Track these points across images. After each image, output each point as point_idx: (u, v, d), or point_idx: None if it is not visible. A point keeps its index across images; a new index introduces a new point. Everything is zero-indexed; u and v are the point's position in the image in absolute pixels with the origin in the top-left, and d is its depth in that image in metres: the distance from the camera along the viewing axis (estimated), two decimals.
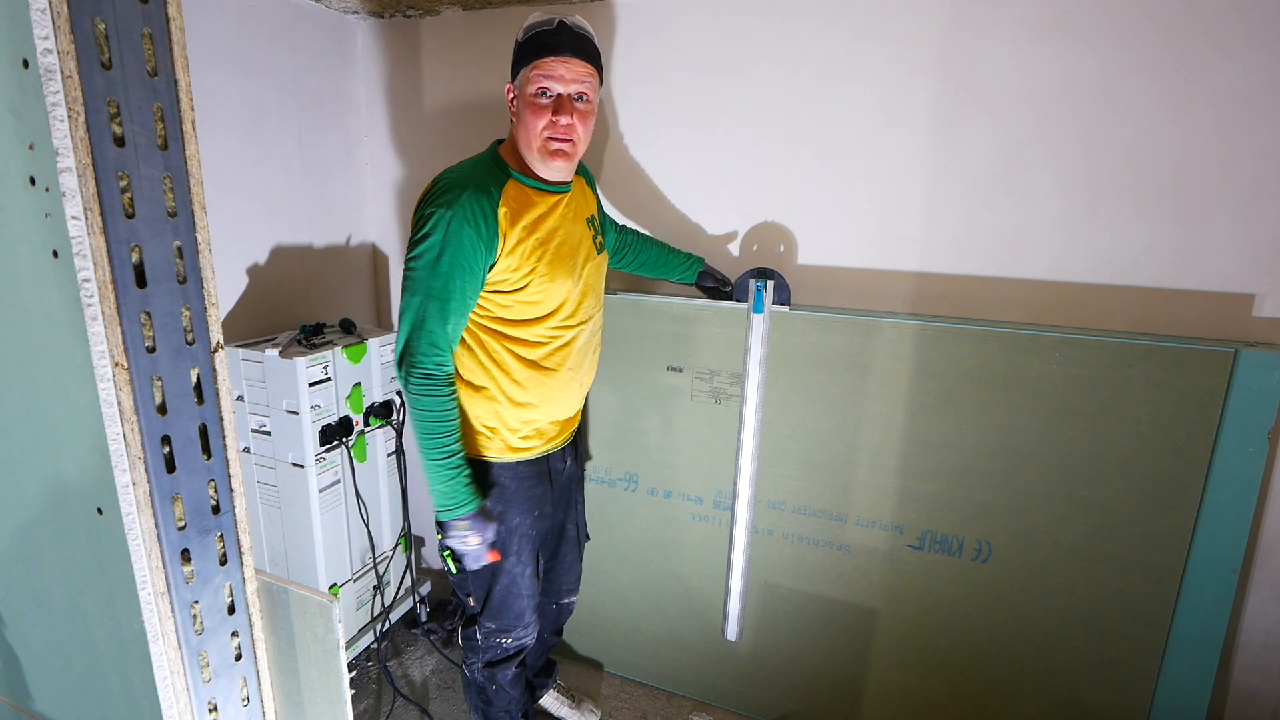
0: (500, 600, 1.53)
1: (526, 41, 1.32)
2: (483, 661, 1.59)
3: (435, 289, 1.26)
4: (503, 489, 1.48)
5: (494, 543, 1.41)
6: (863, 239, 1.80)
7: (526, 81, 1.32)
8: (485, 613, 1.54)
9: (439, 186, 1.30)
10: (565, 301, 1.42)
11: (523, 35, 1.34)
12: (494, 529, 1.40)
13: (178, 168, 0.57)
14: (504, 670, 1.60)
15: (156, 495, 0.59)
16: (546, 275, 1.36)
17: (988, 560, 1.69)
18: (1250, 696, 1.69)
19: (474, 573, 1.50)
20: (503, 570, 1.51)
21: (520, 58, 1.34)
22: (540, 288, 1.36)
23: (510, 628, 1.56)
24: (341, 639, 0.73)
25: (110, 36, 0.51)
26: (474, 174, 1.32)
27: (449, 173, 1.34)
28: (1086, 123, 1.56)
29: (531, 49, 1.31)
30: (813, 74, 1.75)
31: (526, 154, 1.36)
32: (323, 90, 2.12)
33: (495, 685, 1.62)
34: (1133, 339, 1.52)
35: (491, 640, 1.57)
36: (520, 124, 1.35)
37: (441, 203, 1.26)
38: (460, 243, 1.25)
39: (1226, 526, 1.51)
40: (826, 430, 1.78)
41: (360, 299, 2.39)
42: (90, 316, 0.54)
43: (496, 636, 1.56)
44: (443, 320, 1.28)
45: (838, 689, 1.89)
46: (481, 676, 1.61)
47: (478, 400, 1.43)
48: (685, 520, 1.97)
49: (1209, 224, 1.53)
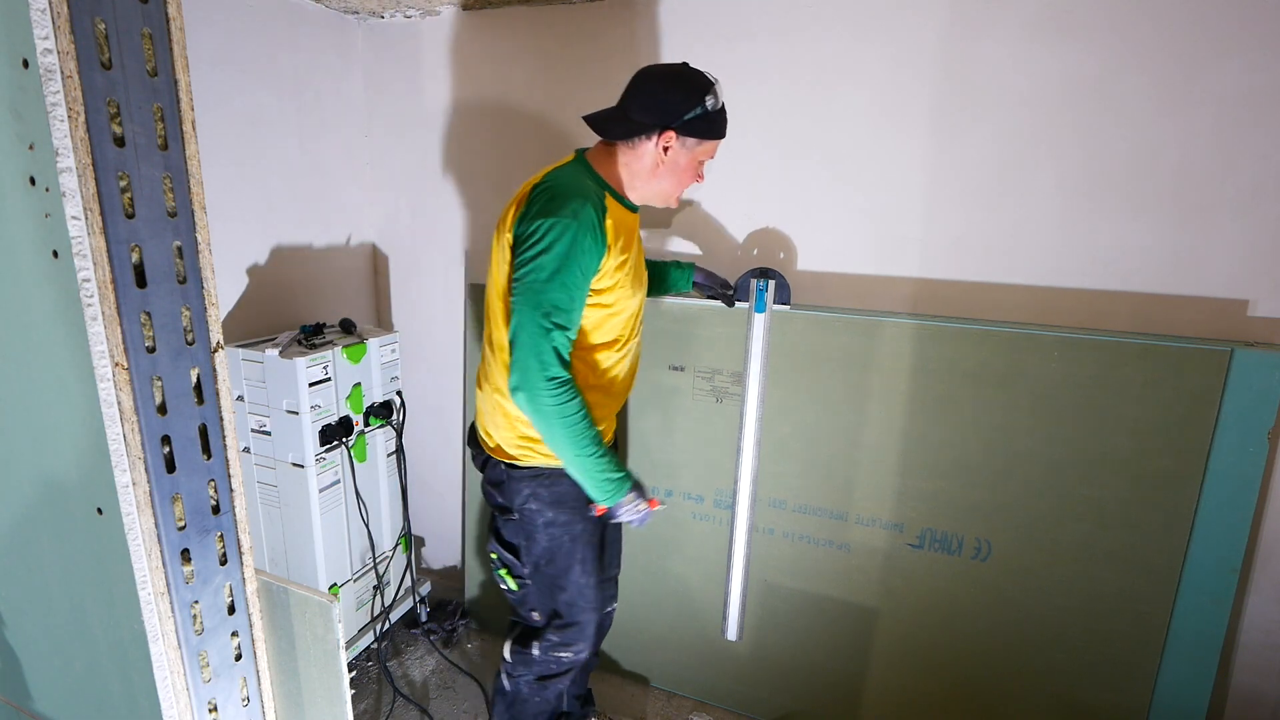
0: (566, 613, 1.51)
1: (716, 116, 1.36)
2: (535, 675, 1.57)
3: (561, 300, 1.26)
4: (575, 498, 1.46)
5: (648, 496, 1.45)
6: (862, 243, 1.80)
7: (699, 150, 1.38)
8: (550, 626, 1.53)
9: (557, 195, 1.28)
10: (633, 315, 1.45)
11: (713, 106, 1.34)
12: (644, 487, 1.44)
13: (178, 168, 0.57)
14: (555, 684, 1.58)
15: (156, 495, 0.59)
16: (628, 289, 1.40)
17: (987, 559, 1.69)
18: (1250, 696, 1.69)
19: (538, 586, 1.49)
20: (569, 582, 1.49)
21: (705, 127, 1.35)
22: (621, 301, 1.39)
23: (573, 641, 1.53)
24: (341, 639, 0.73)
25: (110, 36, 0.51)
26: (583, 185, 1.33)
27: (559, 182, 1.32)
28: (1085, 125, 1.56)
29: (717, 127, 1.37)
30: (812, 77, 1.75)
31: (638, 187, 1.40)
32: (323, 90, 2.12)
33: (540, 698, 1.59)
34: (1130, 339, 1.52)
35: (551, 654, 1.54)
36: (666, 174, 1.38)
37: (565, 213, 1.25)
38: (582, 252, 1.26)
39: (1225, 526, 1.51)
40: (827, 429, 1.78)
41: (360, 299, 2.39)
42: (90, 316, 0.54)
43: (558, 650, 1.53)
44: (567, 329, 1.29)
45: (838, 688, 1.89)
46: (528, 689, 1.58)
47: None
48: (686, 519, 1.97)
49: (1208, 225, 1.53)
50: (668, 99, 1.33)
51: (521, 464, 1.45)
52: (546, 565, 1.49)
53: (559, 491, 1.45)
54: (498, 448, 1.47)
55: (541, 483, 1.45)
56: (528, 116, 2.08)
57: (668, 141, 1.34)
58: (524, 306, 1.27)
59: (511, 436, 1.45)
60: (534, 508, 1.45)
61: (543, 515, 1.46)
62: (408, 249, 2.37)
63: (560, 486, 1.45)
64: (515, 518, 1.48)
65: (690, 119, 1.33)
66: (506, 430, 1.45)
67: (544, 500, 1.45)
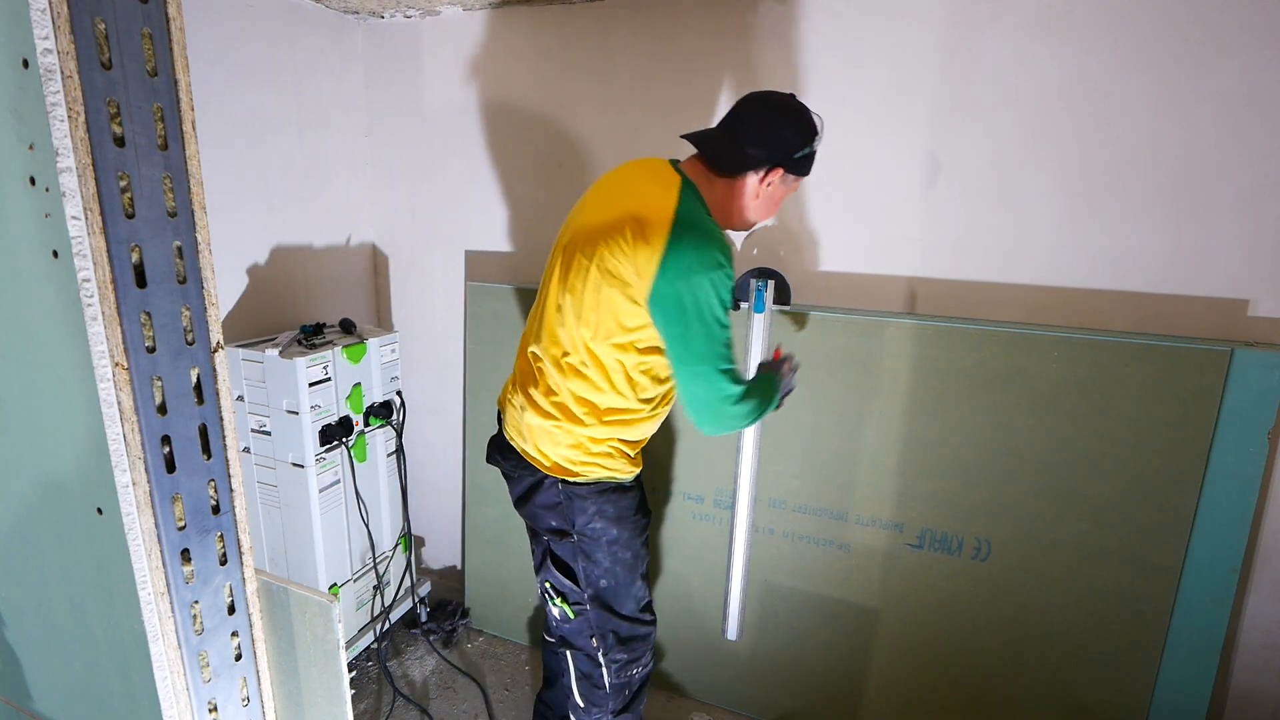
0: (629, 630, 1.47)
1: (814, 155, 1.37)
2: (616, 707, 1.50)
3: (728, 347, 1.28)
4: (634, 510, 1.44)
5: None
6: (862, 243, 1.80)
7: (791, 185, 1.39)
8: (617, 646, 1.47)
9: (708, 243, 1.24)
10: None
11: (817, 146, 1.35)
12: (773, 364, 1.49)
13: (178, 168, 0.57)
14: (639, 705, 1.54)
15: (156, 495, 0.59)
16: None
17: (987, 559, 1.69)
18: (1250, 696, 1.69)
19: (597, 609, 1.44)
20: (630, 596, 1.46)
21: (804, 166, 1.36)
22: None
23: (641, 654, 1.49)
24: (341, 639, 0.73)
25: (110, 36, 0.51)
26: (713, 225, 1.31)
27: (700, 223, 1.27)
28: (1085, 124, 1.56)
29: (811, 165, 1.39)
30: (811, 76, 1.75)
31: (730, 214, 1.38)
32: (323, 90, 2.12)
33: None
34: (1129, 338, 1.52)
35: (624, 676, 1.48)
36: (758, 206, 1.38)
37: (725, 260, 1.24)
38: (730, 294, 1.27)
39: (1225, 526, 1.51)
40: (827, 429, 1.78)
41: (360, 299, 2.39)
42: (90, 316, 0.54)
43: (630, 669, 1.48)
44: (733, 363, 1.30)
45: (838, 688, 1.89)
46: None
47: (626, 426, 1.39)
48: (686, 519, 1.97)
49: (1208, 225, 1.53)
50: (783, 135, 1.31)
51: (585, 480, 1.39)
52: (607, 585, 1.44)
53: (623, 506, 1.42)
54: (555, 465, 1.39)
55: (607, 499, 1.40)
56: (528, 116, 2.08)
57: (774, 177, 1.33)
58: (696, 362, 1.25)
59: (576, 453, 1.38)
60: (598, 526, 1.40)
61: (607, 534, 1.41)
62: (408, 249, 2.37)
63: (624, 501, 1.42)
64: (573, 539, 1.42)
65: (798, 157, 1.33)
66: (569, 447, 1.38)
67: (609, 518, 1.41)
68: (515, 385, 1.47)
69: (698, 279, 1.21)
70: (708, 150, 1.35)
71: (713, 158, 1.34)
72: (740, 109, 1.35)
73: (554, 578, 1.47)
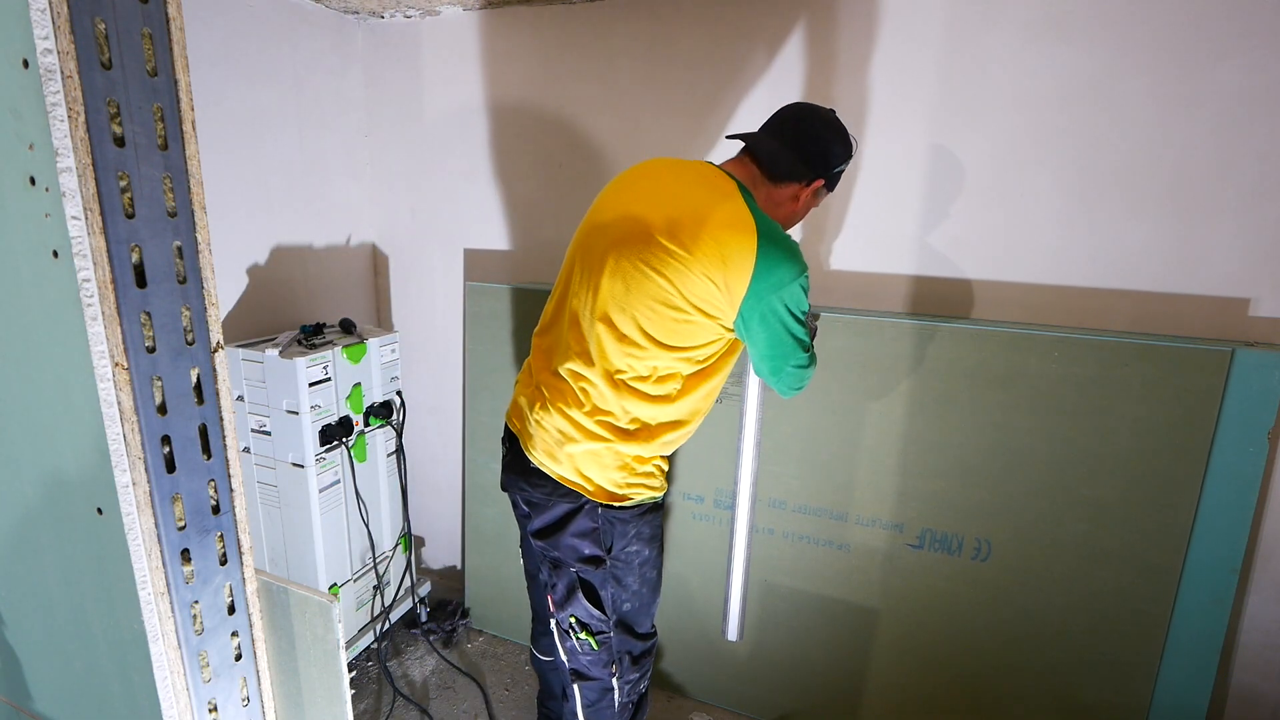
0: (641, 646, 1.47)
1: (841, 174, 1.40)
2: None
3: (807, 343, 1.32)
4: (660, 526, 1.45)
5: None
6: (862, 243, 1.80)
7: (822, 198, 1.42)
8: (630, 667, 1.45)
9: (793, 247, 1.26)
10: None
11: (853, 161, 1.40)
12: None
13: (178, 168, 0.57)
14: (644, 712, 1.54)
15: (156, 495, 0.59)
16: None
17: (987, 559, 1.69)
18: (1250, 696, 1.69)
19: (619, 633, 1.43)
20: (650, 614, 1.47)
21: (838, 181, 1.40)
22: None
23: (648, 669, 1.50)
24: (341, 639, 0.73)
25: (110, 36, 0.51)
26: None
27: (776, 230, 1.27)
28: (1085, 124, 1.56)
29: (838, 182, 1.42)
30: (811, 76, 1.75)
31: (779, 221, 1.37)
32: (323, 90, 2.12)
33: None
34: (1129, 338, 1.52)
35: (634, 692, 1.48)
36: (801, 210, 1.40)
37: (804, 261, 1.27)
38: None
39: (1225, 526, 1.51)
40: (827, 429, 1.78)
41: (360, 299, 2.39)
42: (90, 316, 0.54)
43: (639, 685, 1.49)
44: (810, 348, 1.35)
45: (838, 688, 1.89)
46: None
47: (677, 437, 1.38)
48: (686, 519, 1.97)
49: (1208, 225, 1.53)
50: (832, 150, 1.33)
51: (629, 503, 1.36)
52: (631, 608, 1.43)
53: (655, 525, 1.43)
54: (600, 489, 1.33)
55: (645, 520, 1.39)
56: (528, 116, 2.08)
57: (815, 189, 1.36)
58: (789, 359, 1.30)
59: (622, 474, 1.34)
60: (635, 549, 1.39)
61: (641, 555, 1.41)
62: (408, 249, 2.37)
63: (657, 520, 1.43)
64: (606, 565, 1.38)
65: (836, 172, 1.36)
66: (616, 469, 1.33)
67: (645, 538, 1.40)
68: (541, 405, 1.35)
69: (790, 289, 1.23)
70: (763, 154, 1.33)
71: (769, 163, 1.33)
72: (797, 120, 1.34)
73: (582, 610, 1.37)
